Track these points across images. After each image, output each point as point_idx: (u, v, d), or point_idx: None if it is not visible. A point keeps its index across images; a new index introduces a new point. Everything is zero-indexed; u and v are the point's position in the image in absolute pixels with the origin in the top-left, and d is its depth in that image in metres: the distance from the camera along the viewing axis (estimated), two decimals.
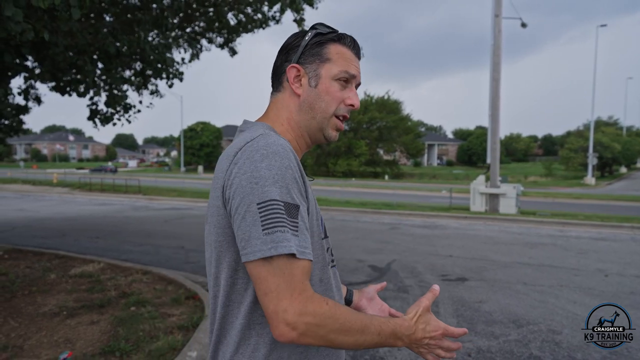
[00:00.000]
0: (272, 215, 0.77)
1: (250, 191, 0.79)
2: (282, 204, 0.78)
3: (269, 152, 0.82)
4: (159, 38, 7.12)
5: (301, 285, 0.77)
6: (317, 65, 0.97)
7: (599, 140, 36.33)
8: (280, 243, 0.76)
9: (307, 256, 0.78)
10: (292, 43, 1.00)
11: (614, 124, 57.54)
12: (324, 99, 0.97)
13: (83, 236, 8.89)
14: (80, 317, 3.85)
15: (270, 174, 0.79)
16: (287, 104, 0.99)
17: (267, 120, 1.00)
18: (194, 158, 52.80)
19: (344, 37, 1.01)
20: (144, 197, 19.66)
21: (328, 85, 0.97)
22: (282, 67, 1.00)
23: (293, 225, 0.78)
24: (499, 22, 13.61)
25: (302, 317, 0.75)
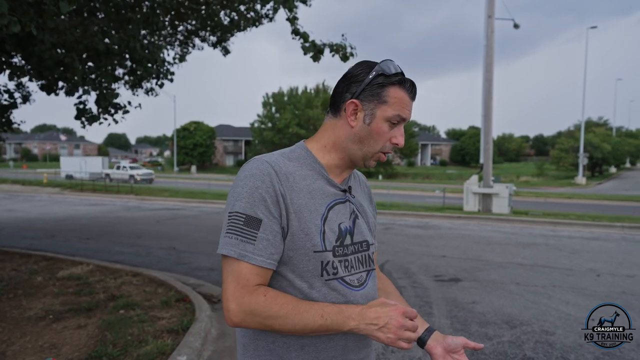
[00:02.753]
0: (232, 223, 0.97)
1: (229, 201, 1.00)
2: (243, 216, 0.96)
3: (248, 175, 1.00)
4: (150, 37, 7.02)
5: (244, 281, 0.94)
6: (375, 105, 1.04)
7: (589, 140, 36.67)
8: (227, 246, 0.95)
9: (250, 260, 0.94)
10: (357, 76, 1.05)
11: (604, 125, 58.15)
12: (374, 137, 1.06)
13: (73, 237, 8.76)
14: (66, 321, 3.76)
15: (243, 191, 0.98)
16: (339, 131, 1.08)
17: (313, 140, 1.12)
18: (187, 158, 52.48)
19: (405, 82, 1.05)
20: (136, 197, 19.48)
21: (380, 126, 1.04)
22: (342, 96, 1.07)
23: (249, 234, 0.95)
24: (492, 23, 13.65)
25: (240, 307, 0.93)
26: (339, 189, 1.10)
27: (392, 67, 1.05)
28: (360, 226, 1.12)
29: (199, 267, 6.30)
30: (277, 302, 0.93)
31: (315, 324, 0.93)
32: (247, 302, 0.93)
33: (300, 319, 0.93)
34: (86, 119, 6.59)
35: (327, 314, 0.94)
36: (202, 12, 6.73)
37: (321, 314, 0.94)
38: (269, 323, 0.94)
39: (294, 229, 0.99)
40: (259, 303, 0.93)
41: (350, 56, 6.75)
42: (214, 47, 7.81)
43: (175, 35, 7.62)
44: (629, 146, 46.75)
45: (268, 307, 0.93)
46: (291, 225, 0.99)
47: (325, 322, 0.94)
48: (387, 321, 0.93)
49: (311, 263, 1.01)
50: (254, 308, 0.93)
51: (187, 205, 16.33)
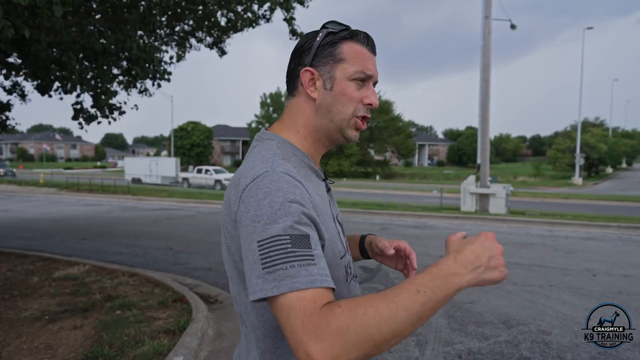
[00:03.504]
0: (273, 253, 0.72)
1: (253, 230, 0.76)
2: (287, 237, 0.73)
3: (272, 189, 0.79)
4: (147, 37, 7.00)
5: (311, 309, 0.68)
6: (331, 66, 0.93)
7: (585, 141, 36.82)
8: (287, 280, 0.70)
9: (321, 284, 0.71)
10: (304, 45, 0.96)
11: (601, 125, 58.40)
12: (340, 100, 0.94)
13: (70, 237, 8.72)
14: (62, 321, 3.75)
15: (272, 210, 0.75)
16: (303, 108, 0.97)
17: (283, 127, 0.98)
18: (185, 158, 52.37)
19: (357, 34, 0.95)
20: (132, 197, 19.43)
21: (344, 87, 0.93)
22: (295, 71, 0.97)
23: (305, 255, 0.73)
24: (489, 24, 13.68)
25: (322, 338, 0.65)
26: (322, 179, 1.00)
27: (337, 25, 0.96)
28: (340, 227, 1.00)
29: (196, 267, 6.28)
30: (357, 305, 0.68)
31: (417, 304, 0.68)
32: (325, 325, 0.66)
33: (396, 307, 0.68)
34: (84, 119, 6.58)
35: (422, 286, 0.70)
36: (199, 13, 6.73)
37: (415, 289, 0.70)
38: (367, 334, 0.66)
39: (325, 238, 0.84)
40: (339, 318, 0.67)
41: None
42: (210, 48, 7.80)
43: (172, 36, 7.60)
44: (625, 146, 46.97)
45: (353, 315, 0.67)
46: (322, 235, 0.83)
47: (426, 296, 0.69)
48: (490, 254, 0.77)
49: (340, 271, 0.90)
50: (339, 326, 0.66)
51: (184, 206, 16.29)
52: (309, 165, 0.96)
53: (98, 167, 62.94)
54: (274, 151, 0.90)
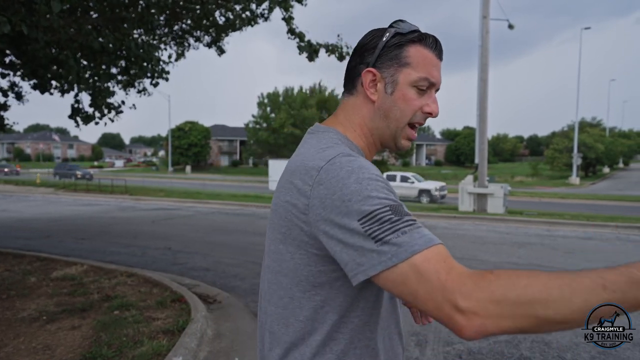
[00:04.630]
0: (378, 226, 0.69)
1: (346, 209, 0.72)
2: (386, 209, 0.71)
3: (354, 167, 0.76)
4: (145, 36, 6.98)
5: (445, 269, 0.65)
6: (395, 70, 0.89)
7: (583, 140, 36.93)
8: (400, 248, 0.67)
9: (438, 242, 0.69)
10: (368, 43, 0.92)
11: (598, 125, 58.59)
12: (400, 107, 0.90)
13: (68, 237, 8.69)
14: (60, 322, 3.72)
15: (361, 187, 0.73)
16: (360, 109, 0.93)
17: (337, 124, 0.95)
18: (182, 158, 52.30)
19: (426, 37, 0.91)
20: (130, 197, 19.37)
21: (405, 92, 0.89)
22: (356, 69, 0.93)
23: (409, 221, 0.70)
24: (487, 24, 13.70)
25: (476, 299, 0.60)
26: None
27: (407, 25, 0.91)
28: None
29: (195, 267, 6.26)
30: (518, 275, 0.61)
31: (598, 299, 0.59)
32: (474, 287, 0.61)
33: (572, 292, 0.59)
34: (81, 118, 6.55)
35: (612, 283, 0.59)
36: (197, 12, 6.71)
37: (602, 283, 0.59)
38: (528, 308, 0.59)
39: None
40: (493, 284, 0.60)
41: (346, 55, 6.75)
42: (209, 47, 7.78)
43: (170, 35, 7.58)
44: (622, 146, 47.13)
45: (512, 284, 0.60)
46: None
47: (614, 296, 0.59)
48: None
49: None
50: (492, 292, 0.60)
51: (182, 205, 16.25)
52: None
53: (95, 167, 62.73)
54: (335, 140, 0.89)
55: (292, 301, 0.83)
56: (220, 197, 18.89)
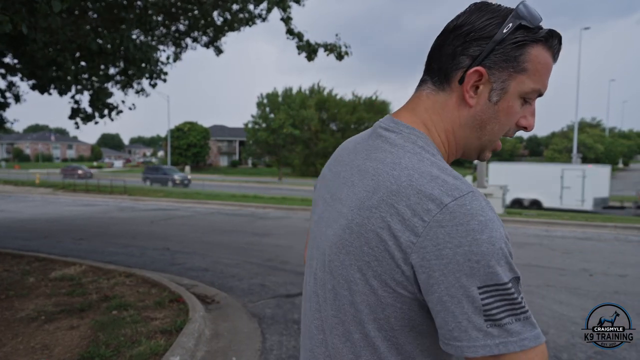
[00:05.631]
0: (497, 304, 0.60)
1: (469, 270, 0.61)
2: (510, 286, 0.61)
3: (488, 220, 0.62)
4: (143, 36, 6.99)
5: None
6: (509, 75, 0.71)
7: (582, 141, 37.00)
8: (509, 338, 0.60)
9: (543, 341, 0.63)
10: (479, 28, 0.71)
11: (597, 126, 58.67)
12: (500, 120, 0.74)
13: (66, 238, 8.69)
14: (59, 322, 3.73)
15: (493, 249, 0.61)
16: (451, 111, 0.75)
17: (420, 124, 0.76)
18: (182, 158, 52.31)
19: (553, 36, 0.72)
20: (129, 197, 19.37)
21: (512, 104, 0.73)
22: (455, 60, 0.73)
23: (523, 306, 0.62)
24: None
25: None
26: None
27: (532, 13, 0.71)
28: None
29: (193, 267, 6.27)
30: None
31: None
32: None
33: None
34: (80, 118, 6.56)
35: None
36: (195, 12, 6.72)
37: None
38: None
39: None
40: None
41: (345, 55, 6.77)
42: (207, 47, 7.79)
43: (168, 35, 7.59)
44: (621, 147, 47.22)
45: None
46: None
47: None
48: None
49: None
50: None
51: (181, 206, 16.26)
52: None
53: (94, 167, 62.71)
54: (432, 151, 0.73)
55: (365, 338, 0.72)
56: (220, 197, 18.89)
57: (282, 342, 3.57)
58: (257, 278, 5.66)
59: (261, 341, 3.61)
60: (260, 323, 4.03)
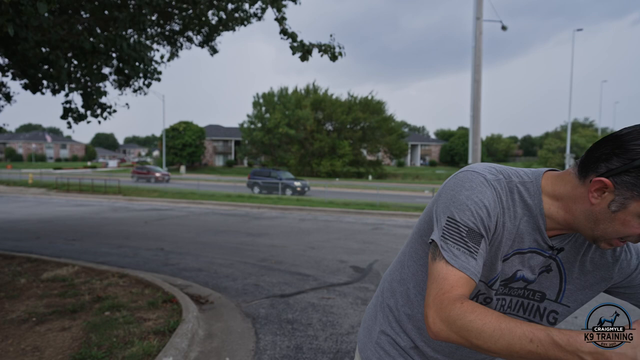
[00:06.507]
0: (453, 231, 0.88)
1: (448, 205, 0.91)
2: (466, 228, 0.88)
3: (475, 186, 0.91)
4: (137, 36, 6.95)
5: (448, 288, 0.85)
6: (631, 195, 0.80)
7: (575, 141, 37.27)
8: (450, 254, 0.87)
9: (467, 273, 0.86)
10: (628, 147, 0.80)
11: (590, 126, 59.10)
12: (615, 226, 0.84)
13: (59, 238, 8.62)
14: (50, 323, 3.70)
15: (468, 202, 0.89)
16: (575, 200, 0.88)
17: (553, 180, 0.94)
18: (177, 158, 52.12)
19: None
20: (123, 197, 19.27)
21: (629, 220, 0.82)
22: (596, 164, 0.85)
23: (472, 249, 0.88)
24: (480, 25, 13.77)
25: (438, 315, 0.83)
26: (547, 244, 0.95)
27: None
28: (548, 279, 1.00)
29: (187, 267, 6.25)
30: (473, 312, 0.79)
31: (521, 349, 0.74)
32: (445, 309, 0.82)
33: (501, 334, 0.75)
34: (73, 118, 6.50)
35: (539, 341, 0.72)
36: (189, 12, 6.69)
37: (530, 337, 0.73)
38: (466, 336, 0.78)
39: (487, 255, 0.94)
40: (454, 311, 0.81)
41: (339, 55, 6.76)
42: (201, 46, 7.76)
43: (162, 35, 7.55)
44: None
45: (462, 316, 0.79)
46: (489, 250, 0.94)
47: (536, 350, 0.72)
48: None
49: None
50: (449, 316, 0.81)
51: (175, 206, 16.19)
52: (535, 217, 0.93)
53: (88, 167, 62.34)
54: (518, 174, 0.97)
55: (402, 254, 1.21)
56: (215, 197, 18.84)
57: (275, 342, 3.57)
58: (251, 278, 5.64)
59: (255, 341, 3.60)
60: (254, 323, 4.02)
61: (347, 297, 4.87)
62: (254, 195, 19.90)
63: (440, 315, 0.82)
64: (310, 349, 3.44)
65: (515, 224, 0.93)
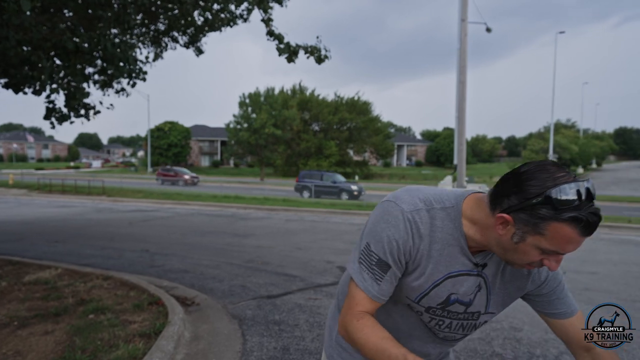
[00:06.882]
0: (366, 258, 1.04)
1: (368, 234, 1.05)
2: (377, 257, 1.02)
3: (391, 224, 1.01)
4: (122, 36, 6.87)
5: (354, 305, 1.05)
6: (529, 230, 0.88)
7: (558, 142, 37.99)
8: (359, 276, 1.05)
9: (370, 295, 1.04)
10: (524, 186, 0.87)
11: (572, 127, 60.29)
12: (518, 255, 0.94)
13: (41, 240, 8.47)
14: (32, 327, 3.64)
15: (382, 235, 1.02)
16: (488, 225, 0.97)
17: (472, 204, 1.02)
18: (162, 158, 51.54)
19: (579, 222, 0.83)
20: (108, 198, 19.00)
21: (528, 250, 0.91)
22: (502, 198, 0.91)
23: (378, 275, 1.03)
24: (465, 27, 13.95)
25: (343, 322, 1.07)
26: (472, 262, 1.04)
27: (570, 194, 0.82)
28: (481, 298, 1.09)
29: (173, 269, 6.20)
30: (363, 332, 1.00)
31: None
32: (345, 320, 1.06)
33: (376, 354, 0.96)
34: (56, 118, 6.39)
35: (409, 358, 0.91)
36: (175, 12, 6.64)
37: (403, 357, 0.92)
38: (356, 347, 1.03)
39: (407, 279, 1.07)
40: (351, 325, 1.03)
41: (324, 59, 6.79)
42: (187, 47, 7.71)
43: (147, 35, 7.48)
44: (594, 147, 48.64)
45: (354, 332, 1.02)
46: (406, 275, 1.07)
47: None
48: None
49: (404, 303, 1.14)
50: (347, 328, 1.05)
51: (160, 207, 16.03)
52: (457, 239, 1.02)
53: (71, 167, 61.22)
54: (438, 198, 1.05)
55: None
56: (200, 198, 18.70)
57: (262, 344, 3.58)
58: (238, 279, 5.63)
59: (242, 343, 3.61)
60: (240, 324, 4.02)
61: (334, 297, 4.90)
62: (240, 196, 19.81)
63: (343, 325, 1.06)
64: (297, 349, 3.46)
65: (437, 248, 1.02)
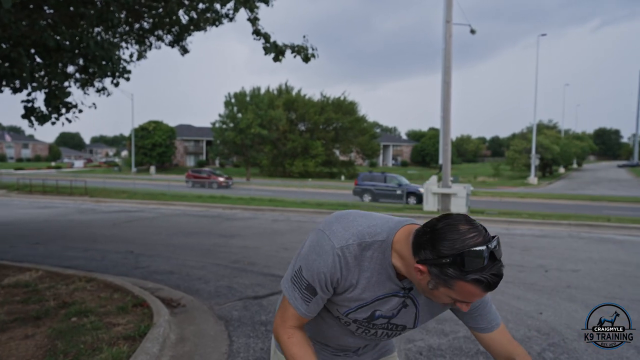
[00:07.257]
0: (298, 280, 1.17)
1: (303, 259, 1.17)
2: (307, 282, 1.15)
3: (322, 259, 1.12)
4: (105, 34, 6.76)
5: (285, 318, 1.21)
6: (440, 282, 0.99)
7: (540, 142, 38.65)
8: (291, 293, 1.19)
9: (299, 313, 1.18)
10: (436, 245, 0.96)
11: (554, 127, 61.46)
12: (434, 297, 1.06)
13: (21, 242, 8.28)
14: (12, 331, 3.56)
15: (313, 266, 1.13)
16: (410, 265, 1.06)
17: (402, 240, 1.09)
18: (146, 158, 50.87)
19: (481, 282, 0.94)
20: (90, 199, 18.67)
21: (440, 296, 1.02)
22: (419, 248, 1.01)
23: (307, 297, 1.17)
24: (450, 28, 14.10)
25: (275, 330, 1.24)
26: (399, 286, 1.16)
27: (476, 261, 0.93)
28: (407, 314, 1.22)
29: (158, 270, 6.13)
30: (292, 350, 1.17)
31: None
32: (278, 331, 1.22)
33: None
34: (36, 118, 6.25)
35: None
36: (159, 11, 6.55)
37: None
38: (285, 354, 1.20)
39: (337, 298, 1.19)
40: (281, 338, 1.20)
41: (311, 57, 6.79)
42: (172, 46, 7.62)
43: (131, 33, 7.37)
44: (575, 148, 49.67)
45: (284, 347, 1.19)
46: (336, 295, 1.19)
47: None
48: None
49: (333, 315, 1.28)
50: (279, 339, 1.21)
51: (145, 207, 15.82)
52: (387, 271, 1.12)
53: (53, 167, 59.97)
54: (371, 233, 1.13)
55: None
56: (186, 198, 18.52)
57: (249, 345, 3.56)
58: (224, 280, 5.59)
59: (228, 344, 3.58)
60: (227, 326, 3.99)
61: None
62: (225, 196, 19.67)
63: (275, 335, 1.24)
64: None
65: (366, 276, 1.13)
